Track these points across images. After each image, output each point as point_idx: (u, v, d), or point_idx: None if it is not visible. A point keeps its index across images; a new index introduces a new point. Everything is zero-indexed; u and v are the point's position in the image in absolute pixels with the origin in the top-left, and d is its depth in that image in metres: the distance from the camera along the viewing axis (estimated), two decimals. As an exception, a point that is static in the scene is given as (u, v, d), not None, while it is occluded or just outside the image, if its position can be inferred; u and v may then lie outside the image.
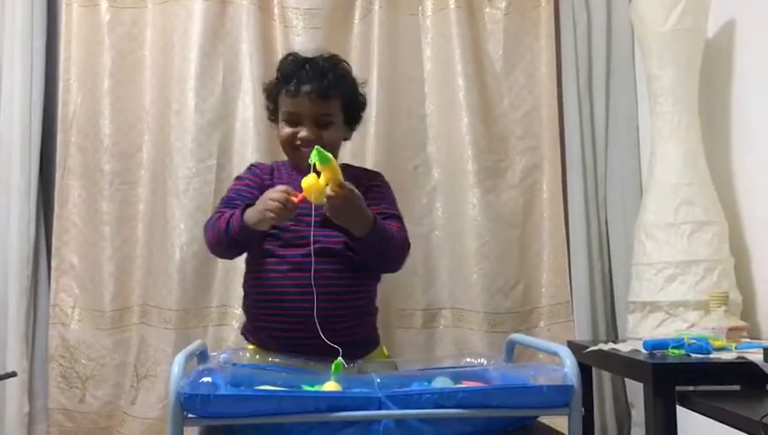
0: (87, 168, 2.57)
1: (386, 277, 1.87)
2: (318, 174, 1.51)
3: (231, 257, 1.88)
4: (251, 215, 1.63)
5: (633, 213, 2.34)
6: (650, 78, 2.17)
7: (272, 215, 1.57)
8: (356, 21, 2.63)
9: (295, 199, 1.56)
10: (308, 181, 1.51)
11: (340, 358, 1.40)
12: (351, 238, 1.67)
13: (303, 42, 2.54)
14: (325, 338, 1.47)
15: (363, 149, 2.51)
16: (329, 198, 1.53)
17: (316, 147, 1.49)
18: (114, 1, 2.61)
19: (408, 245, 1.79)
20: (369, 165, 2.41)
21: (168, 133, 2.55)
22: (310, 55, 1.82)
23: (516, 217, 2.58)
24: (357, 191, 1.59)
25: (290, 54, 1.86)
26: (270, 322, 1.71)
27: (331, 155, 1.50)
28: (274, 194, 1.58)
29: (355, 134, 1.92)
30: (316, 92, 1.72)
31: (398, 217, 1.80)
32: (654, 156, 2.15)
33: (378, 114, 2.51)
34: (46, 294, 2.53)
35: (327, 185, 1.51)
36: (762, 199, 2.02)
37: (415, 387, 1.31)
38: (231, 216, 1.67)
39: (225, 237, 1.68)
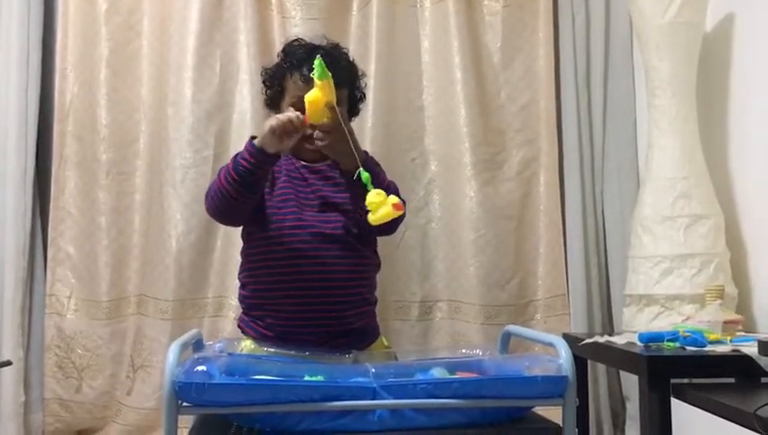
0: (83, 158, 2.57)
1: (383, 270, 1.86)
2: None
3: (235, 216, 1.71)
4: (259, 137, 1.59)
5: (630, 206, 2.34)
6: (648, 70, 2.16)
7: (278, 124, 1.55)
8: (354, 12, 2.62)
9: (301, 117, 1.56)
10: (311, 97, 1.51)
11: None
12: (343, 176, 1.64)
13: (301, 32, 2.48)
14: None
15: (360, 140, 2.47)
16: (321, 127, 1.53)
17: (319, 59, 1.49)
18: (111, -10, 2.60)
19: (404, 202, 1.75)
20: (365, 157, 2.40)
21: (165, 123, 2.54)
22: (314, 43, 1.80)
23: (513, 210, 2.58)
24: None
25: (296, 39, 1.83)
26: (269, 311, 1.69)
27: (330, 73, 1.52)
28: (281, 114, 1.58)
29: (353, 125, 1.91)
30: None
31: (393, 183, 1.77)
32: (651, 149, 2.15)
33: (375, 106, 2.51)
34: (42, 284, 2.53)
35: (325, 105, 1.52)
36: (758, 193, 2.02)
37: (410, 377, 1.31)
38: (238, 153, 1.62)
39: (234, 175, 1.58)
